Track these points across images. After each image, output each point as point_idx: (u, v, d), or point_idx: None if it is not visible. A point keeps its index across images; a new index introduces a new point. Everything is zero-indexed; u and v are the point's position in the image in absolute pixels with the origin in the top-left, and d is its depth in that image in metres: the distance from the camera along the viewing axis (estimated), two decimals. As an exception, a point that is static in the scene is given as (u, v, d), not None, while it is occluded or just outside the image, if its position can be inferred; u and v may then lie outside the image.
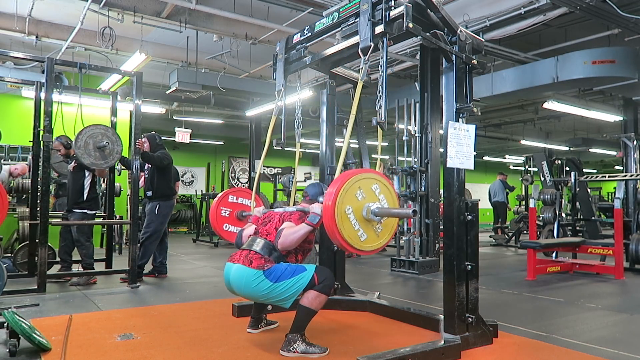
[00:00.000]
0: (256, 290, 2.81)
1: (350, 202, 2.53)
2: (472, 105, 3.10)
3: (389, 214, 2.65)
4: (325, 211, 2.49)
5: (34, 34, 7.19)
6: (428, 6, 2.99)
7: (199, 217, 12.12)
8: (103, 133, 4.82)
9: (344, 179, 2.54)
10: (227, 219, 3.95)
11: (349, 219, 2.52)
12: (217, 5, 6.54)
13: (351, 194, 2.54)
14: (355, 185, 2.56)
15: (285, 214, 3.07)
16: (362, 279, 5.78)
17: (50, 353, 2.81)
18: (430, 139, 6.38)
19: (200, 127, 13.93)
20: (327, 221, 2.48)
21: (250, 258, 2.87)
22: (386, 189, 2.72)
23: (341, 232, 2.48)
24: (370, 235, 2.62)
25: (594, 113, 9.67)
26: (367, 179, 2.65)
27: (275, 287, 2.79)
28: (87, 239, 5.28)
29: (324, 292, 2.82)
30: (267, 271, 2.81)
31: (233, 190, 4.08)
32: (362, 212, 2.59)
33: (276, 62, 3.78)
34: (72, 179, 5.31)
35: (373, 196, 2.64)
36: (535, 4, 5.57)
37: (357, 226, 2.56)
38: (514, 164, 20.20)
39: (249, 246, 2.96)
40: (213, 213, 3.92)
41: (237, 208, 3.99)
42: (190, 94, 10.28)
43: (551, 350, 3.02)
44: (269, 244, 2.92)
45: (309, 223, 2.82)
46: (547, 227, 8.22)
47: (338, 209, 2.46)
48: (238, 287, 2.89)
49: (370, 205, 2.61)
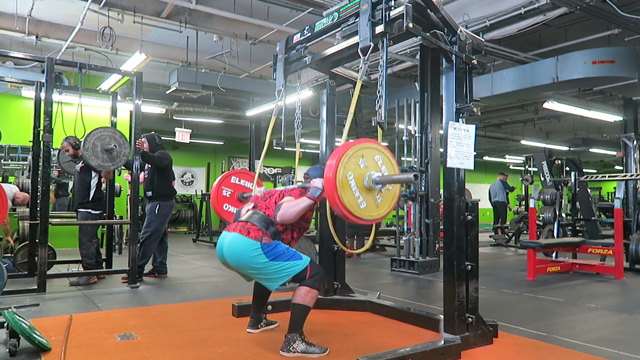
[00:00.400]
0: (250, 261, 2.79)
1: (353, 169, 2.54)
2: (472, 105, 3.10)
3: (391, 180, 2.64)
4: (327, 174, 2.48)
5: (34, 34, 7.20)
6: (428, 6, 2.99)
7: (199, 217, 12.12)
8: (111, 136, 4.84)
9: (348, 145, 2.55)
10: (227, 199, 3.93)
11: (350, 185, 2.52)
12: (217, 5, 6.55)
13: (354, 161, 2.55)
14: (358, 152, 2.57)
15: (286, 191, 3.09)
16: (362, 279, 5.78)
17: (50, 353, 2.81)
18: (430, 139, 6.38)
19: (200, 127, 13.93)
20: (328, 185, 2.47)
21: (248, 228, 2.86)
22: (389, 162, 2.71)
23: (341, 197, 2.47)
24: (369, 204, 2.61)
25: (594, 113, 9.67)
26: (370, 149, 2.65)
27: (269, 265, 2.79)
28: (90, 239, 5.30)
29: (314, 287, 2.84)
30: (265, 245, 2.80)
31: (236, 172, 4.06)
32: (364, 181, 2.59)
33: (276, 62, 3.78)
34: (79, 179, 5.34)
35: (375, 166, 2.65)
36: (535, 4, 5.58)
37: (358, 193, 2.56)
38: (514, 164, 20.20)
39: (246, 219, 2.95)
40: (214, 192, 3.89)
41: (238, 189, 3.97)
42: (190, 94, 10.28)
43: (551, 350, 3.02)
44: (267, 218, 2.91)
45: (309, 197, 2.84)
46: (547, 227, 8.21)
47: (340, 174, 2.46)
48: (231, 256, 2.84)
49: (372, 173, 2.61)
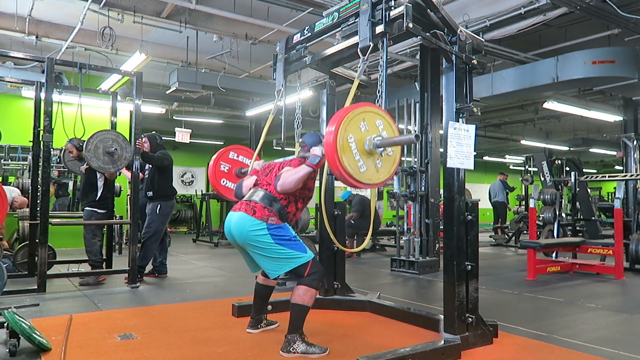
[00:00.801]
0: (256, 239, 2.81)
1: (354, 131, 2.52)
2: (472, 105, 3.10)
3: (391, 142, 2.62)
4: (327, 140, 2.47)
5: (34, 34, 7.20)
6: (428, 6, 2.99)
7: (199, 217, 12.12)
8: (114, 139, 4.85)
9: (349, 108, 2.53)
10: (225, 174, 3.91)
11: (351, 147, 2.51)
12: (217, 5, 6.55)
13: (355, 124, 2.53)
14: (359, 116, 2.55)
15: (285, 162, 3.10)
16: (362, 279, 5.78)
17: (50, 353, 2.81)
18: (430, 139, 6.38)
19: (200, 127, 13.92)
20: (329, 148, 2.45)
21: (253, 207, 2.88)
22: (389, 127, 2.69)
23: (341, 159, 2.45)
24: (369, 168, 2.59)
25: (594, 113, 9.67)
26: (372, 113, 2.63)
27: (273, 247, 2.81)
28: (93, 237, 5.32)
29: (313, 287, 2.83)
30: (271, 225, 2.82)
31: (234, 147, 4.02)
32: (365, 144, 2.57)
33: (276, 62, 3.79)
34: (85, 179, 5.38)
35: (376, 130, 2.63)
36: (535, 4, 5.58)
37: (358, 156, 2.53)
38: (514, 164, 20.20)
39: (249, 197, 2.97)
40: (212, 167, 3.86)
41: (236, 165, 3.94)
42: (190, 94, 10.28)
43: (551, 350, 3.02)
44: (270, 195, 2.92)
45: (309, 164, 2.85)
46: (547, 227, 8.22)
47: (341, 137, 2.45)
48: (238, 233, 2.87)
49: (373, 137, 2.59)
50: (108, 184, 5.38)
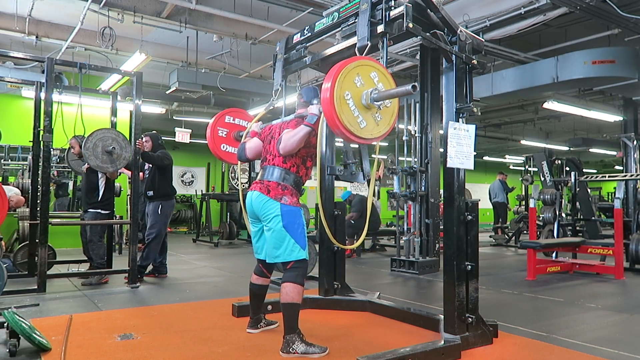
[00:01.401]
0: (270, 216, 2.94)
1: (349, 87, 2.50)
2: (472, 105, 3.10)
3: (388, 95, 2.59)
4: (324, 95, 2.46)
5: (34, 34, 7.20)
6: (428, 6, 2.99)
7: (199, 217, 12.12)
8: (114, 138, 4.85)
9: (341, 65, 2.50)
10: (224, 139, 3.89)
11: (348, 104, 2.49)
12: (217, 5, 6.55)
13: (349, 80, 2.51)
14: (353, 71, 2.52)
15: (283, 124, 3.14)
16: (362, 279, 5.78)
17: (50, 353, 2.81)
18: (430, 139, 6.38)
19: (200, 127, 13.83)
20: (327, 106, 2.44)
21: (267, 186, 2.99)
22: (384, 77, 2.67)
23: (340, 118, 2.44)
24: (369, 123, 2.58)
25: (594, 113, 9.67)
26: (365, 66, 2.60)
27: (280, 229, 2.91)
28: (100, 239, 5.34)
29: (298, 282, 2.89)
30: (284, 206, 2.92)
31: (230, 110, 3.99)
32: (362, 99, 2.56)
33: (276, 62, 3.79)
34: (86, 180, 5.38)
35: (371, 83, 2.61)
36: (535, 4, 5.58)
37: (357, 113, 2.53)
38: (514, 164, 20.20)
39: (262, 177, 3.07)
40: (210, 133, 3.82)
41: (234, 129, 3.93)
42: (190, 94, 10.28)
43: (551, 350, 3.02)
44: (280, 169, 3.02)
45: (307, 124, 2.89)
46: (547, 227, 8.21)
47: (337, 94, 2.43)
48: (258, 208, 3.00)
49: (369, 91, 2.57)
50: (109, 184, 5.39)
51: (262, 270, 3.26)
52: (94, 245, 5.29)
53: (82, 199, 5.48)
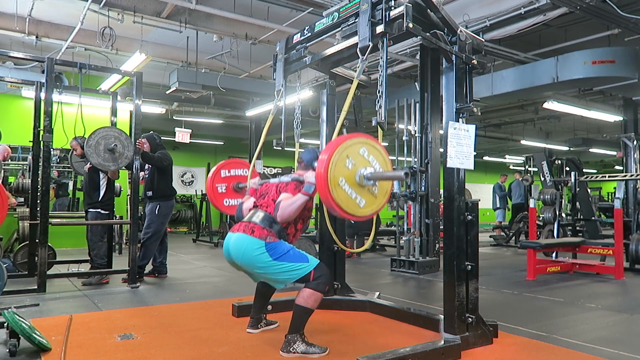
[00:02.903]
0: (255, 260, 2.80)
1: (341, 172, 2.49)
2: (472, 105, 3.09)
3: (381, 177, 2.60)
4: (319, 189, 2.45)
5: (34, 34, 7.20)
6: (428, 6, 2.99)
7: (199, 217, 12.12)
8: (116, 136, 4.84)
9: (330, 154, 2.46)
10: (225, 195, 3.92)
11: (344, 190, 2.49)
12: (217, 5, 6.55)
13: (341, 165, 2.49)
14: (343, 155, 2.51)
15: (281, 185, 3.07)
16: (362, 279, 5.78)
17: (50, 353, 2.81)
18: (430, 139, 6.38)
19: (200, 127, 13.92)
20: (324, 198, 2.44)
21: (252, 228, 2.87)
22: (374, 150, 2.66)
23: (340, 205, 2.45)
24: (368, 199, 2.58)
25: (594, 113, 9.67)
26: (353, 146, 2.58)
27: (273, 264, 2.80)
28: (100, 239, 5.34)
29: (318, 290, 2.82)
30: (269, 244, 2.80)
31: (223, 164, 4.00)
32: (356, 179, 2.54)
33: (276, 62, 3.78)
34: (88, 180, 5.38)
35: (363, 160, 2.59)
36: (535, 4, 5.58)
37: (354, 194, 2.52)
38: (514, 164, 20.20)
39: (249, 219, 2.96)
40: (210, 192, 3.87)
41: (231, 180, 3.94)
42: (190, 94, 10.28)
43: (551, 350, 3.02)
44: (269, 216, 2.91)
45: (305, 193, 2.84)
46: (547, 227, 8.21)
47: (331, 183, 2.43)
48: (237, 254, 2.86)
49: (362, 170, 2.55)
50: (110, 184, 5.39)
51: None
52: (94, 245, 5.29)
53: (84, 198, 5.49)
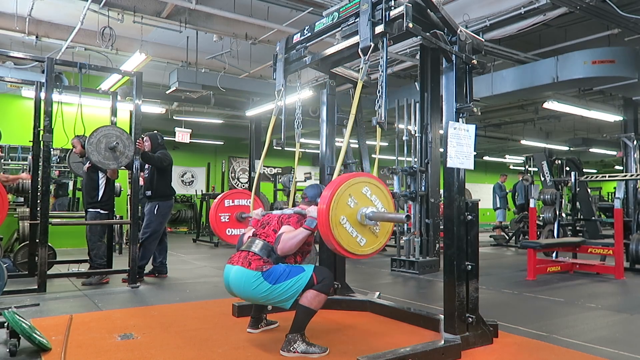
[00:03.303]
0: (255, 292, 2.80)
1: (343, 211, 2.50)
2: (472, 105, 3.10)
3: (383, 218, 2.61)
4: (320, 227, 2.48)
5: (34, 34, 7.20)
6: (428, 6, 2.99)
7: (199, 217, 12.12)
8: (118, 135, 4.85)
9: (333, 191, 2.48)
10: (228, 224, 3.97)
11: (345, 228, 2.50)
12: (217, 5, 6.55)
13: (342, 204, 2.50)
14: (345, 193, 2.52)
15: (283, 217, 3.05)
16: (362, 279, 5.78)
17: (51, 353, 2.81)
18: (430, 139, 6.38)
19: (200, 127, 13.92)
20: (324, 235, 2.47)
21: (249, 259, 2.86)
22: (377, 189, 2.68)
23: (340, 244, 2.48)
24: (369, 238, 2.61)
25: (594, 113, 9.67)
26: (356, 184, 2.59)
27: (274, 288, 2.78)
28: (99, 239, 5.34)
29: (323, 292, 2.82)
30: (265, 272, 2.79)
31: (227, 194, 4.07)
32: (357, 218, 2.56)
33: (276, 62, 3.78)
34: (87, 180, 5.38)
35: (365, 200, 2.61)
36: (535, 4, 5.57)
37: (355, 233, 2.54)
38: (514, 164, 20.20)
39: (247, 247, 2.95)
40: (213, 221, 3.94)
41: (235, 210, 4.00)
42: (190, 94, 10.27)
43: (551, 350, 3.02)
44: (268, 245, 2.91)
45: (306, 227, 2.82)
46: (547, 227, 8.21)
47: (332, 222, 2.44)
48: (237, 289, 2.88)
49: (364, 210, 2.57)
50: (110, 184, 5.39)
51: None
52: (93, 245, 5.29)
53: (84, 198, 5.49)
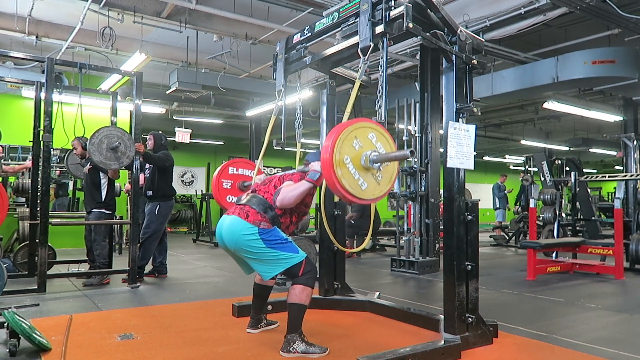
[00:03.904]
0: (247, 245, 2.81)
1: (348, 151, 2.50)
2: (472, 105, 3.10)
3: (387, 158, 2.60)
4: (323, 163, 2.46)
5: (34, 34, 7.20)
6: (428, 6, 2.99)
7: (199, 217, 12.12)
8: (119, 136, 4.84)
9: (339, 129, 2.50)
10: (229, 191, 3.92)
11: (348, 168, 2.49)
12: (217, 5, 6.55)
13: (348, 144, 2.51)
14: (351, 134, 2.52)
15: (286, 175, 3.09)
16: (362, 279, 5.78)
17: (50, 353, 2.81)
18: (430, 139, 6.38)
19: (200, 127, 13.92)
20: (327, 172, 2.45)
21: (247, 212, 2.87)
22: (383, 137, 2.67)
23: (342, 183, 2.45)
24: (370, 184, 2.59)
25: (594, 113, 9.67)
26: (363, 128, 2.60)
27: (265, 250, 2.80)
28: (104, 239, 5.34)
29: (308, 285, 2.84)
30: (262, 230, 2.81)
31: (233, 162, 4.02)
32: (361, 161, 2.56)
33: (276, 62, 3.78)
34: (89, 181, 5.38)
35: (370, 144, 2.61)
36: (535, 4, 5.58)
37: (357, 175, 2.53)
38: (514, 164, 20.20)
39: (245, 202, 2.96)
40: (215, 186, 3.88)
41: (238, 179, 3.96)
42: (190, 94, 10.28)
43: (551, 350, 3.02)
44: (265, 201, 2.92)
45: (309, 180, 2.85)
46: (547, 227, 8.21)
47: (336, 159, 2.44)
48: (229, 238, 2.87)
49: (368, 153, 2.57)
50: (111, 184, 5.38)
51: None
52: (98, 245, 5.28)
53: (86, 199, 5.47)
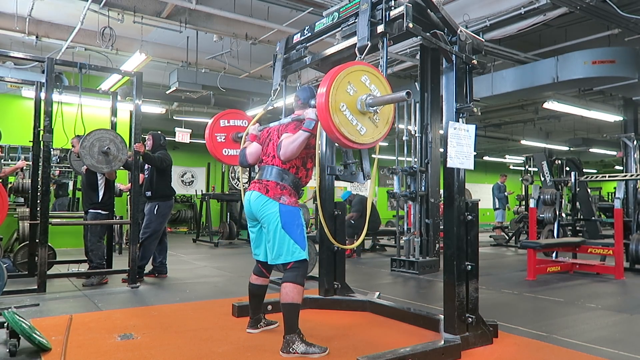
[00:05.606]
0: (269, 218, 2.95)
1: (343, 98, 2.49)
2: (472, 105, 3.10)
3: (383, 101, 2.58)
4: (320, 113, 2.46)
5: (34, 34, 7.20)
6: (428, 6, 2.99)
7: (199, 217, 12.12)
8: (111, 139, 4.84)
9: (332, 77, 2.48)
10: (224, 144, 3.91)
11: (345, 115, 2.49)
12: (217, 5, 6.55)
13: (342, 91, 2.49)
14: (344, 80, 2.51)
15: (282, 127, 3.13)
16: (362, 279, 5.78)
17: (50, 353, 2.81)
18: (430, 139, 6.38)
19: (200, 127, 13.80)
20: (324, 122, 2.44)
21: (266, 186, 3.00)
22: (376, 79, 2.65)
23: (340, 130, 2.44)
24: (368, 127, 2.58)
25: (594, 113, 9.67)
26: (355, 72, 2.58)
27: (280, 233, 2.91)
28: (99, 240, 5.34)
29: (298, 283, 2.90)
30: (283, 206, 2.93)
31: (222, 114, 3.98)
32: (357, 106, 2.54)
33: (275, 61, 3.79)
34: (86, 181, 5.39)
35: (365, 88, 2.59)
36: (535, 4, 5.58)
37: (355, 121, 2.52)
38: (514, 164, 20.20)
39: (261, 176, 3.09)
40: (208, 141, 3.85)
41: (231, 131, 3.94)
42: (190, 94, 10.28)
43: (551, 350, 3.02)
44: (279, 169, 3.03)
45: (305, 129, 2.88)
46: (547, 227, 8.21)
47: (332, 108, 2.43)
48: (257, 209, 3.01)
49: (363, 97, 2.55)
50: (109, 185, 5.39)
51: (262, 270, 3.26)
52: (93, 245, 5.28)
53: (84, 199, 5.49)
